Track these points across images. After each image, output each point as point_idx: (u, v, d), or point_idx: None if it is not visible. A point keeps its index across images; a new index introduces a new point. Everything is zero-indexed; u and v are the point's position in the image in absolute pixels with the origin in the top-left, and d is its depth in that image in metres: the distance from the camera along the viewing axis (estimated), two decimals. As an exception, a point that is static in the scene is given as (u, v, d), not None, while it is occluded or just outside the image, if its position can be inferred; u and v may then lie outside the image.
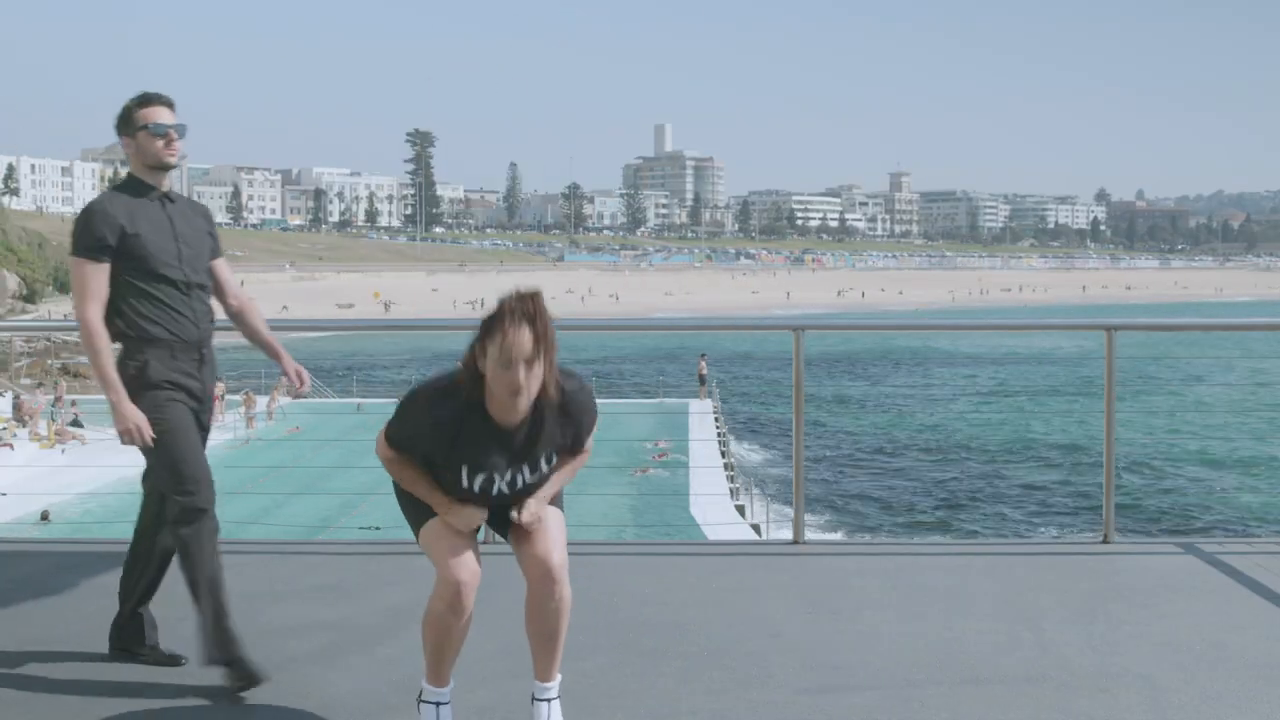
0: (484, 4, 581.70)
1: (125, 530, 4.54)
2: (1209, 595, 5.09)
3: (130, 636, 4.34)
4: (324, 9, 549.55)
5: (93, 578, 5.39)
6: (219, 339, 4.45)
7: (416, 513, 3.67)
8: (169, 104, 4.23)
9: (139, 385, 4.06)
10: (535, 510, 3.59)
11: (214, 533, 4.11)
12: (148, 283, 4.08)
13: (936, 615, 4.81)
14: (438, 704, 3.70)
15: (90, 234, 4.03)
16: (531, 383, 3.41)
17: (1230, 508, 27.73)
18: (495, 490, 3.57)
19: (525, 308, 3.40)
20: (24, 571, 5.54)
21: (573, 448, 3.65)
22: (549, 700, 3.68)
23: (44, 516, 22.98)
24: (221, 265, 4.42)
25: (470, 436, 3.48)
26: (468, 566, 3.56)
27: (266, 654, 4.28)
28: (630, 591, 5.17)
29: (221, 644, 4.00)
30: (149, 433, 4.00)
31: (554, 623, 3.62)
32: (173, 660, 4.26)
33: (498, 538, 6.08)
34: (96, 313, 4.02)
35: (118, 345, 4.14)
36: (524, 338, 3.36)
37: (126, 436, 4.00)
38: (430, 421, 3.48)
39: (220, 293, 4.43)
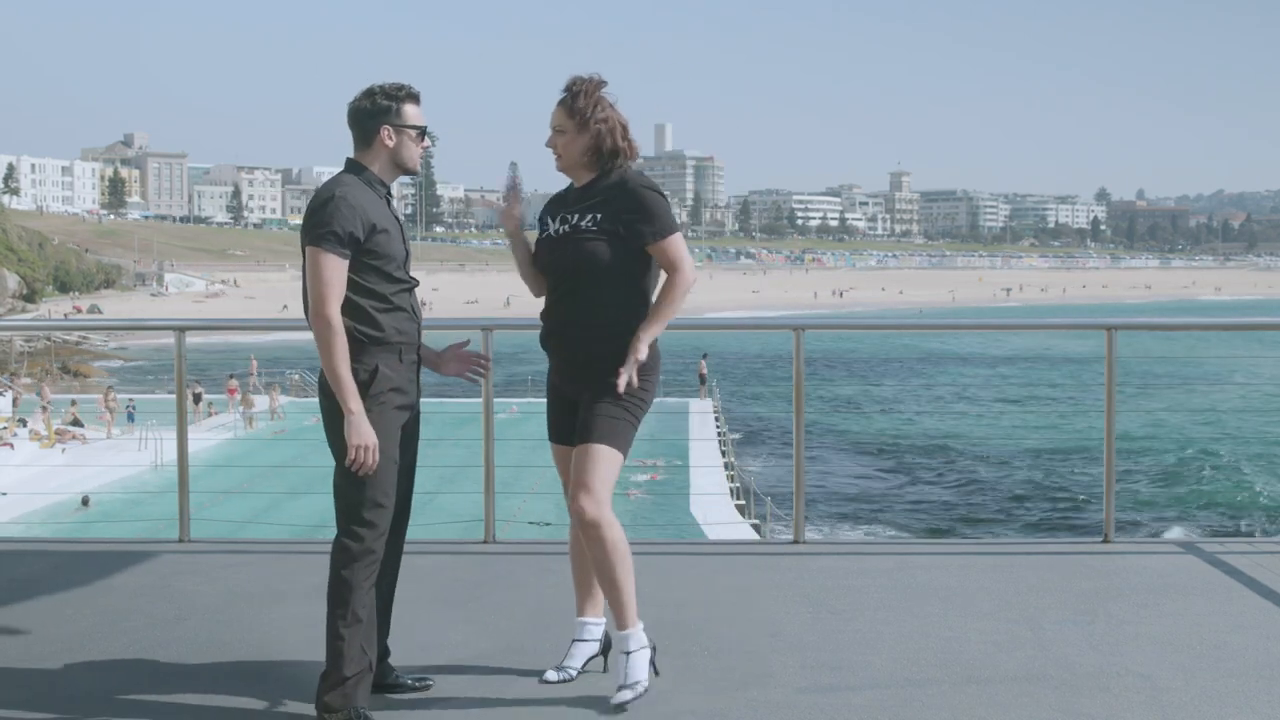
0: (484, 4, 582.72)
1: (125, 530, 4.54)
2: (1209, 595, 5.09)
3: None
4: (324, 9, 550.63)
5: (93, 578, 5.39)
6: (224, 338, 4.44)
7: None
8: None
9: (365, 393, 3.75)
10: (627, 366, 3.78)
11: (373, 573, 3.80)
12: (382, 283, 3.81)
13: (936, 615, 4.80)
14: (572, 640, 4.06)
15: (339, 225, 3.72)
16: (565, 149, 3.89)
17: (1231, 508, 27.73)
18: (553, 230, 3.93)
19: (572, 86, 3.87)
20: (24, 571, 5.54)
21: (646, 230, 3.83)
22: (625, 653, 3.84)
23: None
24: None
25: (557, 196, 4.05)
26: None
27: (266, 654, 4.29)
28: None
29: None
30: (375, 460, 3.70)
31: (595, 562, 3.85)
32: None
33: (495, 536, 6.10)
34: (338, 310, 3.72)
35: None
36: (557, 110, 3.88)
37: (358, 453, 3.67)
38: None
39: None
